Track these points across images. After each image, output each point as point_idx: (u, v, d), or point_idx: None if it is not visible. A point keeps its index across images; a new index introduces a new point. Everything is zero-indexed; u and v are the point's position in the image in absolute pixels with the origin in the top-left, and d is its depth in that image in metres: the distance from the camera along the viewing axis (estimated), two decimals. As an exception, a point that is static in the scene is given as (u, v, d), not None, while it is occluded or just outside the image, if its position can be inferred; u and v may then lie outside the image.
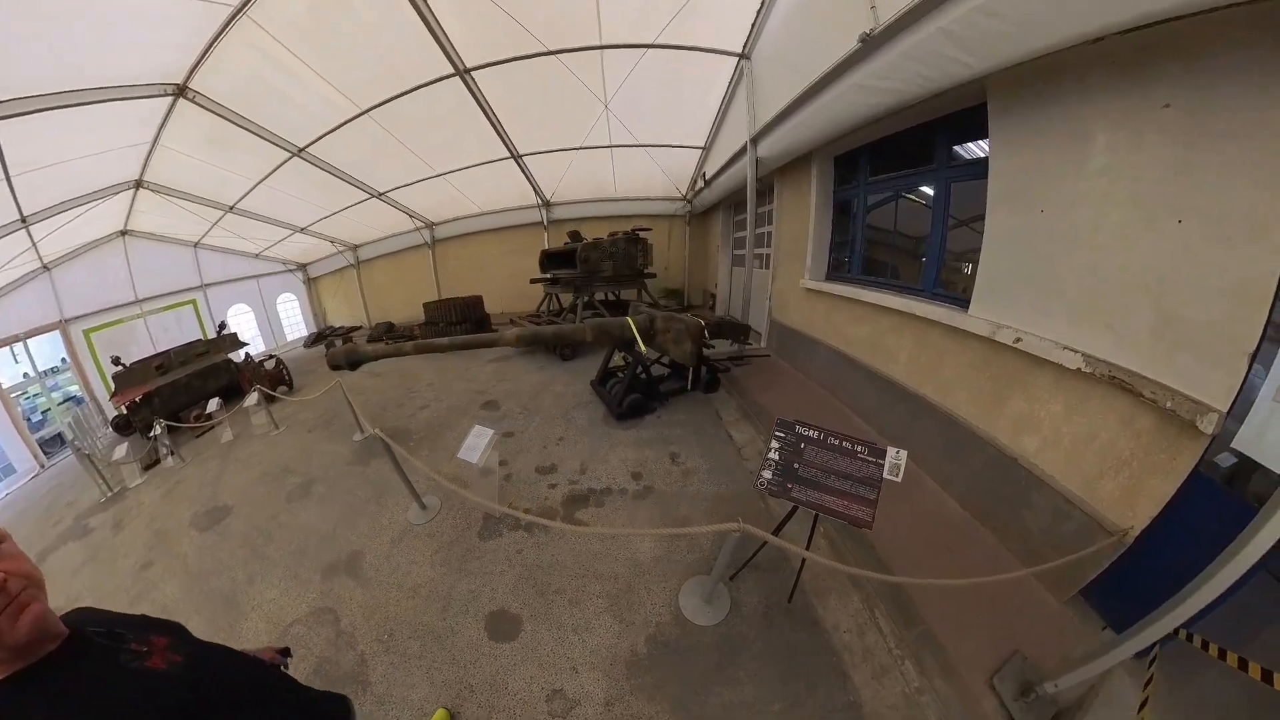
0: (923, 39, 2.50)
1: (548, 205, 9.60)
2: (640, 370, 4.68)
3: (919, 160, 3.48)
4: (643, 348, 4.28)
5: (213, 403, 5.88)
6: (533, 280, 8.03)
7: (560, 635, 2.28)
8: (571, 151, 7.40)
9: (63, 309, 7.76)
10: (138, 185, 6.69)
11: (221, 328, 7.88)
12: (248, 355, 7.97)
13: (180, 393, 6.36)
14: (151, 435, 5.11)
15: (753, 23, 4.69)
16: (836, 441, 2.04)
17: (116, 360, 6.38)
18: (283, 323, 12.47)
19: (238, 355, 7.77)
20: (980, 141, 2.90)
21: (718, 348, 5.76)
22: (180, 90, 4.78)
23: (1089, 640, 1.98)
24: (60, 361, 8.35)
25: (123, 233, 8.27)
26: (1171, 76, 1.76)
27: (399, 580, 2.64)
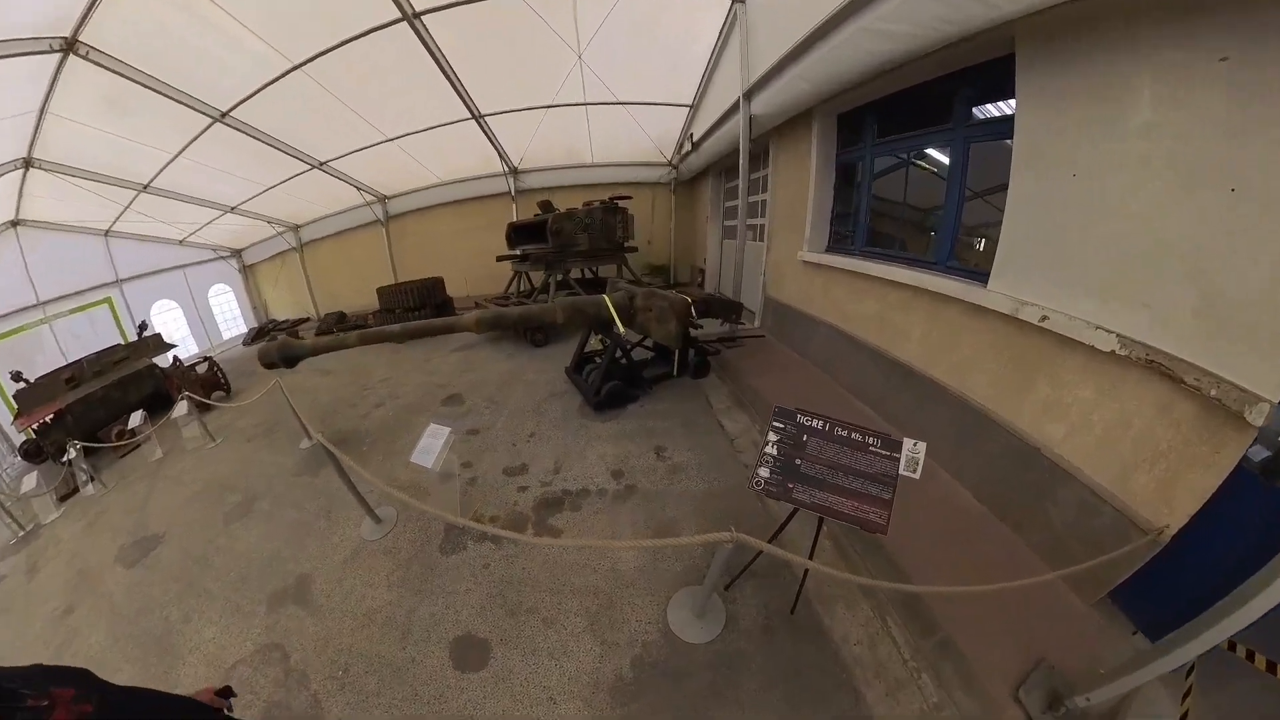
0: (941, -25, 2.40)
1: (515, 173, 9.39)
2: (620, 355, 4.61)
3: (934, 119, 3.38)
4: (621, 329, 4.19)
5: (135, 416, 5.56)
6: (499, 258, 7.81)
7: (534, 661, 2.21)
8: (541, 111, 7.15)
9: (-59, 321, 7.18)
10: (27, 164, 6.17)
11: (142, 329, 7.42)
12: (176, 359, 7.57)
13: (97, 408, 5.95)
14: (66, 460, 4.77)
15: (747, -42, 4.49)
16: (845, 433, 1.96)
17: (17, 376, 5.86)
18: (217, 319, 11.90)
19: (165, 359, 7.34)
20: (1003, 103, 2.83)
21: (706, 328, 5.72)
22: (69, 44, 4.35)
23: (1119, 646, 1.97)
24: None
25: (13, 223, 7.62)
26: (1231, 26, 1.67)
27: (353, 606, 2.56)
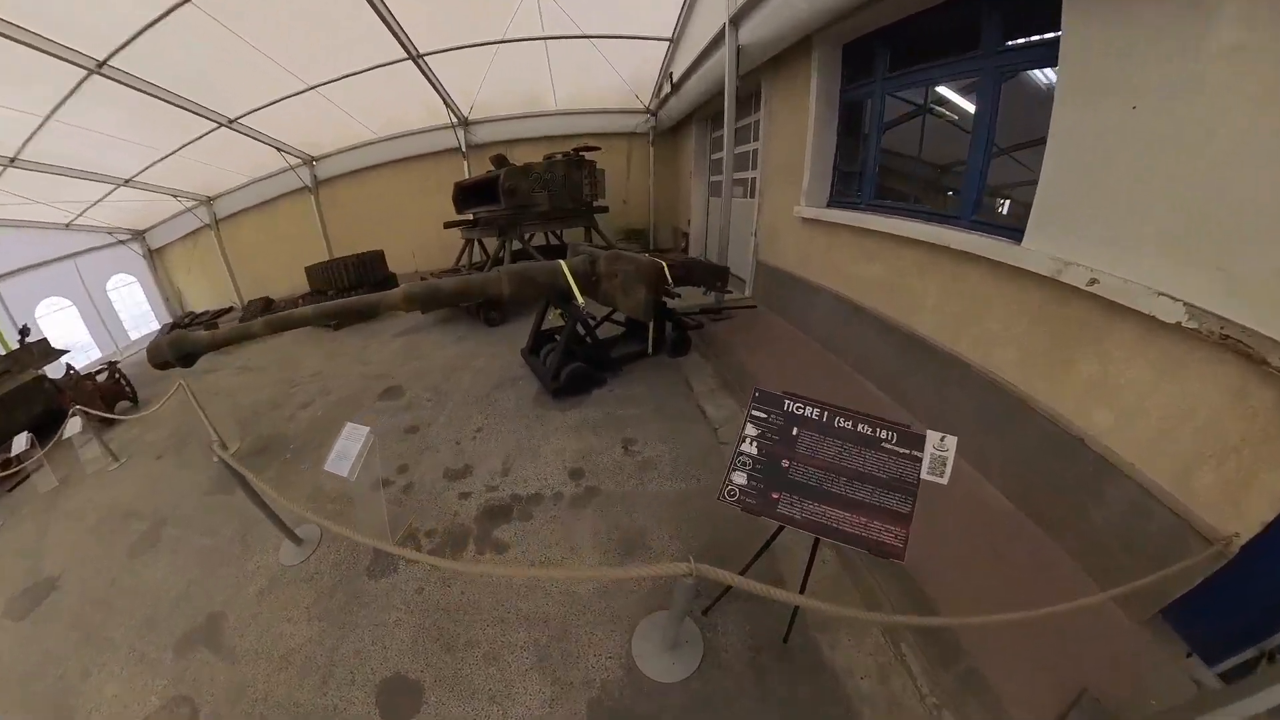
0: None
1: (466, 125, 9.14)
2: (583, 331, 4.48)
3: (958, 46, 3.21)
4: (581, 300, 3.99)
5: (19, 440, 5.05)
6: (446, 224, 7.48)
7: (474, 707, 2.10)
8: (491, 48, 6.80)
9: None
10: None
11: (24, 334, 6.82)
12: (70, 367, 7.02)
13: (-35, 437, 5.43)
14: (-72, 511, 4.33)
15: None
16: (849, 424, 1.72)
17: None
18: (121, 316, 11.12)
19: (58, 369, 6.79)
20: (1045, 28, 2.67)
21: (688, 298, 5.65)
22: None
23: (1170, 671, 1.89)
24: None
25: None
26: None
27: (269, 646, 2.49)
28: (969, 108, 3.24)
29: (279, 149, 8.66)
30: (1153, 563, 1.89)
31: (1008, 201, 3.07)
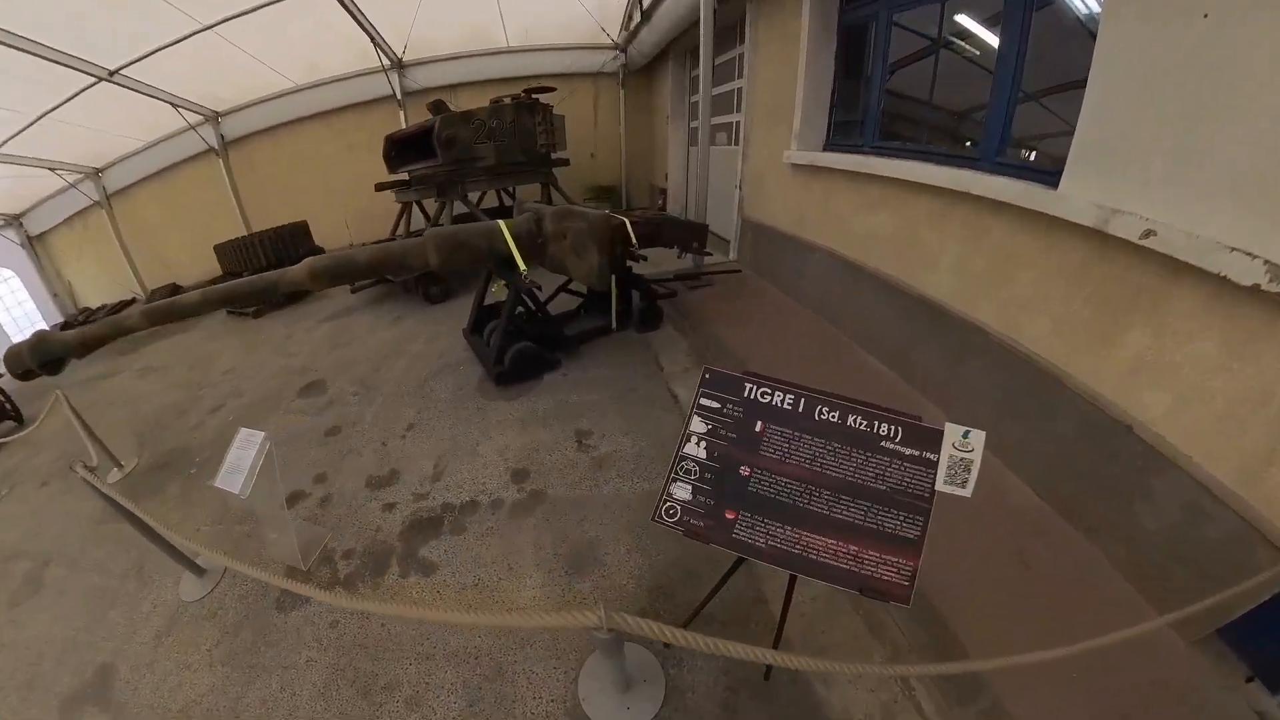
0: None
1: (400, 67, 8.81)
2: (532, 306, 4.40)
3: None
4: (524, 268, 3.78)
5: None
6: (378, 186, 7.24)
7: None
8: None
9: None
10: None
11: None
12: None
13: None
14: None
15: None
16: (834, 415, 1.47)
17: None
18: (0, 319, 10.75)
19: None
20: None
21: (660, 263, 5.56)
22: None
23: (1228, 701, 1.78)
24: None
25: None
26: None
27: (166, 699, 2.42)
28: (991, 39, 3.05)
29: (175, 105, 8.17)
30: (1210, 576, 1.81)
31: (1033, 155, 3.00)
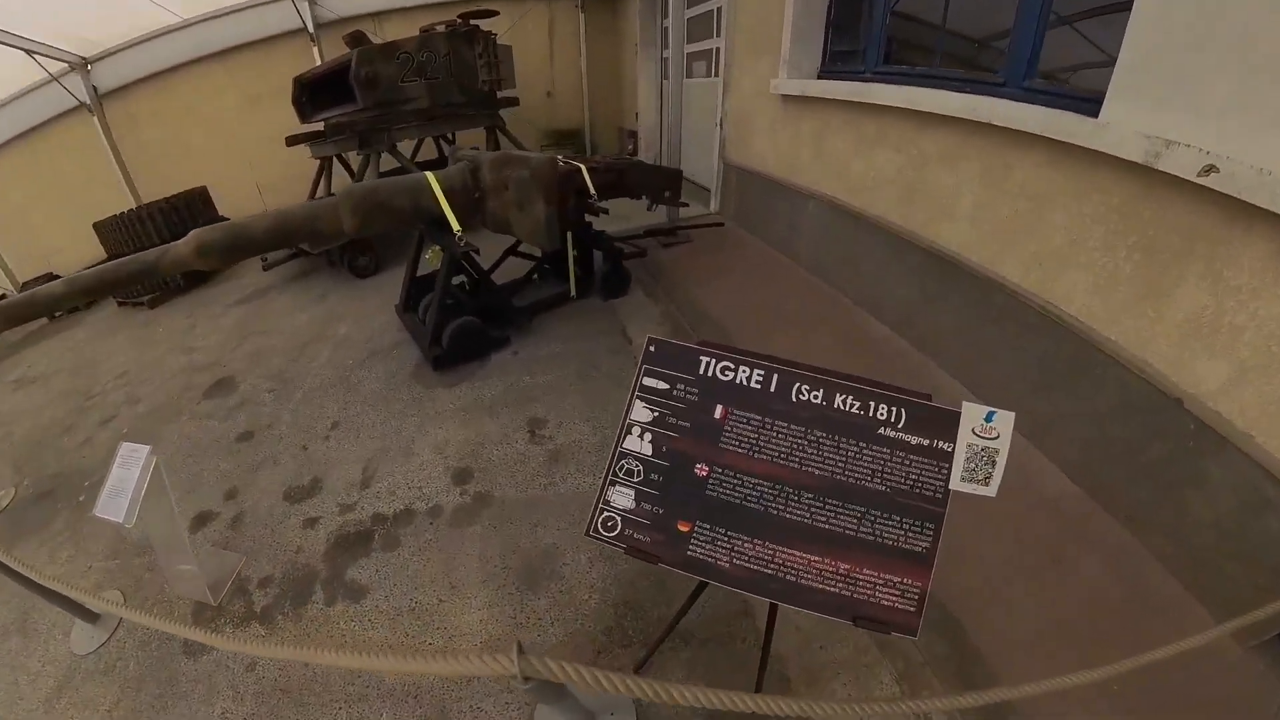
0: None
1: None
2: (474, 274, 4.34)
3: None
4: (458, 229, 3.65)
5: None
6: (290, 139, 6.95)
7: None
8: None
9: None
10: None
11: None
12: None
13: None
14: None
15: None
16: (816, 393, 1.35)
17: None
18: None
19: None
20: None
21: (630, 218, 5.58)
22: None
23: None
24: None
25: None
26: None
27: None
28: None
29: (29, 51, 7.64)
30: (1273, 572, 1.80)
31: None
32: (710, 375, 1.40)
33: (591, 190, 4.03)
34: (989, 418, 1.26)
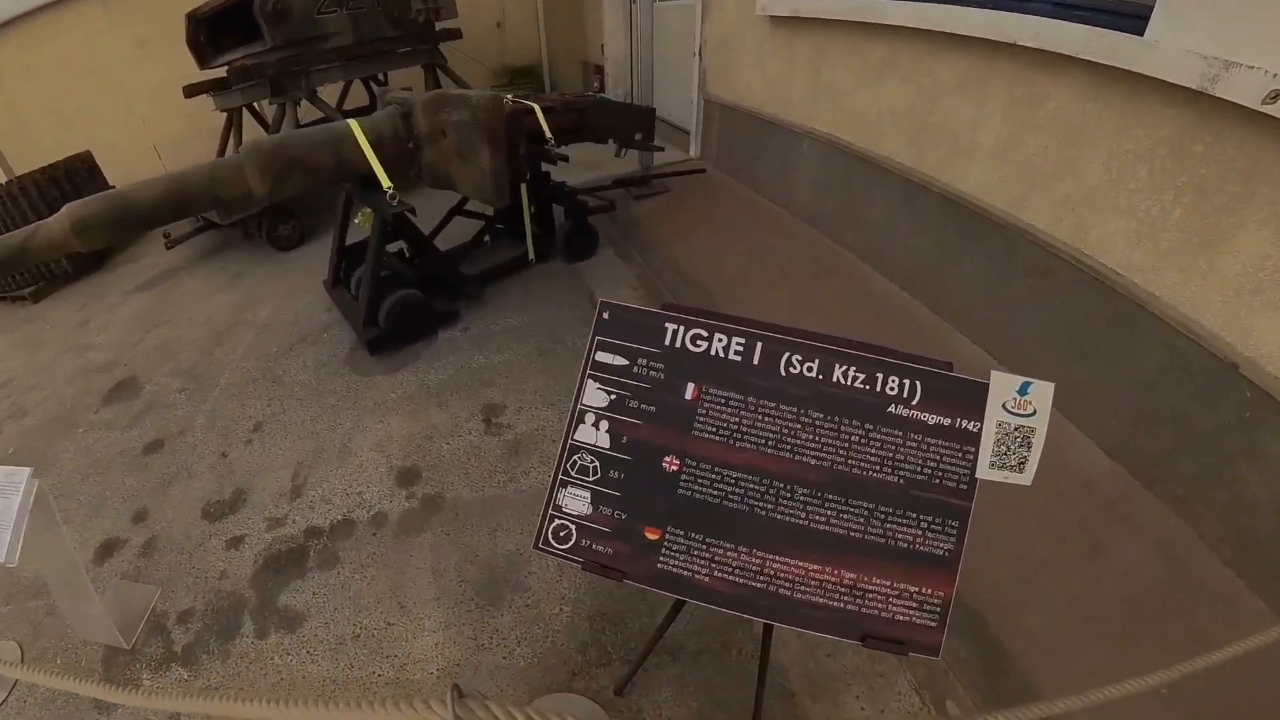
0: None
1: None
2: (414, 240, 4.32)
3: None
4: (389, 185, 3.57)
5: None
6: (188, 90, 6.73)
7: None
8: None
9: None
10: None
11: None
12: None
13: None
14: None
15: None
16: (810, 365, 1.27)
17: None
18: None
19: None
20: None
21: (600, 165, 5.68)
22: None
23: None
24: None
25: None
26: None
27: None
28: None
29: None
30: None
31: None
32: (678, 346, 1.31)
33: (548, 134, 3.96)
34: (1023, 390, 1.19)
